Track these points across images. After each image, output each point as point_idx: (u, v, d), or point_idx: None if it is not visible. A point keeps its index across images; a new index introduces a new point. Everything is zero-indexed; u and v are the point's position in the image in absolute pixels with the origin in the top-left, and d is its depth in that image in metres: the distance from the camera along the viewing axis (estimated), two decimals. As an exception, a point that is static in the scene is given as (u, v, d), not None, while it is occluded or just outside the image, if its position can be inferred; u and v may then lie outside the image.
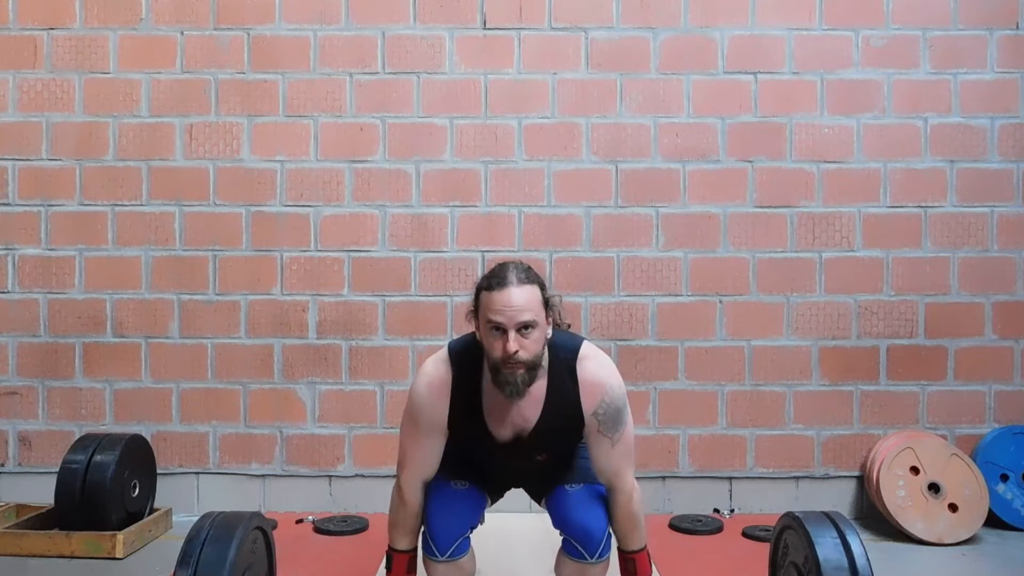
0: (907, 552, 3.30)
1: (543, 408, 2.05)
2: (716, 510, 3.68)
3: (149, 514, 3.45)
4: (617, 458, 2.08)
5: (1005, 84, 3.69)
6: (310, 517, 3.55)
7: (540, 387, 2.03)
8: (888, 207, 3.70)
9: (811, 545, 2.02)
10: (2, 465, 3.71)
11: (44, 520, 3.33)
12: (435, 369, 2.09)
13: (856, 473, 3.69)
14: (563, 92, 3.70)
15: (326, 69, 3.70)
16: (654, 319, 3.69)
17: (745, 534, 3.37)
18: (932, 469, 3.44)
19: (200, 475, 3.71)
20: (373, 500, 3.67)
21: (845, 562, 1.99)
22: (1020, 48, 3.69)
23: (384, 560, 2.25)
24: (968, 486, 3.39)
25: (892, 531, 3.46)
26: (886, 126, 3.70)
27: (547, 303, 1.99)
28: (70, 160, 3.70)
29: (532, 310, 1.92)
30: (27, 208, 3.70)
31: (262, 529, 2.23)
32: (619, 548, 2.18)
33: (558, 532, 2.17)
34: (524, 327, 1.91)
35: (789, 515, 2.19)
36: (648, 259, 3.69)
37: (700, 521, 3.51)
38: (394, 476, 3.69)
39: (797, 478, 3.70)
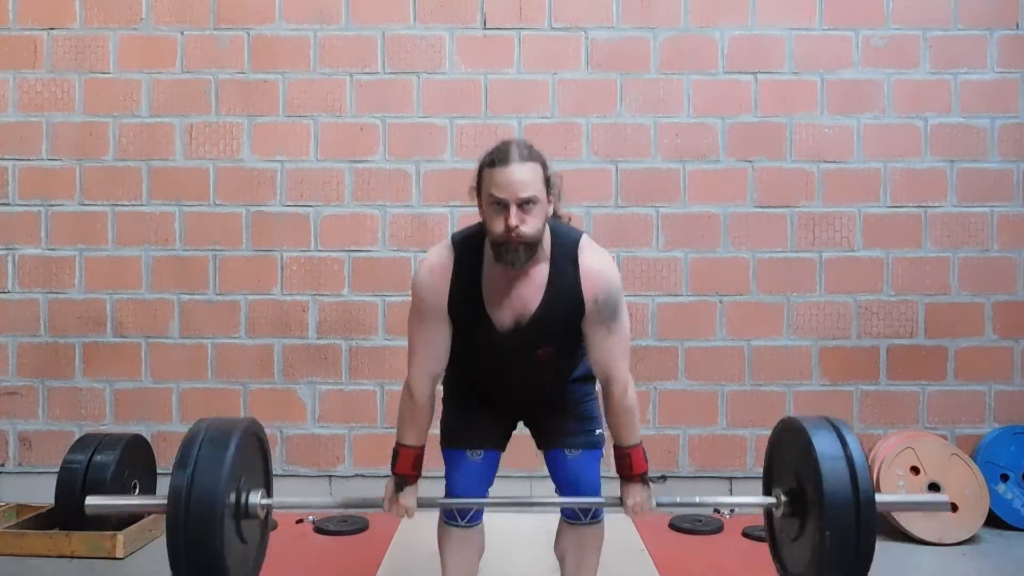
0: (907, 552, 3.30)
1: (544, 293, 2.05)
2: (716, 510, 3.68)
3: (149, 514, 3.45)
4: (614, 347, 2.09)
5: (1005, 84, 3.69)
6: (310, 517, 3.55)
7: (541, 272, 2.04)
8: (888, 207, 3.70)
9: (808, 442, 2.03)
10: (2, 465, 3.71)
11: (44, 520, 3.33)
12: (436, 254, 2.10)
13: (856, 473, 3.69)
14: (563, 92, 3.70)
15: (326, 69, 3.70)
16: (654, 319, 3.69)
17: (745, 534, 3.36)
18: (932, 469, 3.43)
19: (200, 475, 3.70)
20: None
21: (841, 452, 2.00)
22: (1020, 48, 3.69)
23: (390, 465, 2.21)
24: (968, 486, 3.39)
25: (892, 531, 3.45)
26: (886, 126, 3.70)
27: (548, 181, 2.00)
28: (70, 160, 3.70)
29: (534, 186, 1.93)
30: (27, 208, 3.70)
31: (257, 435, 2.22)
32: (615, 445, 2.18)
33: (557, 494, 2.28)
34: (526, 203, 1.92)
35: (786, 419, 2.23)
36: (648, 259, 3.69)
37: (700, 521, 3.50)
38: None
39: (797, 478, 3.70)
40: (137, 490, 3.40)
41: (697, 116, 3.69)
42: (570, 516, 2.27)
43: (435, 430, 2.23)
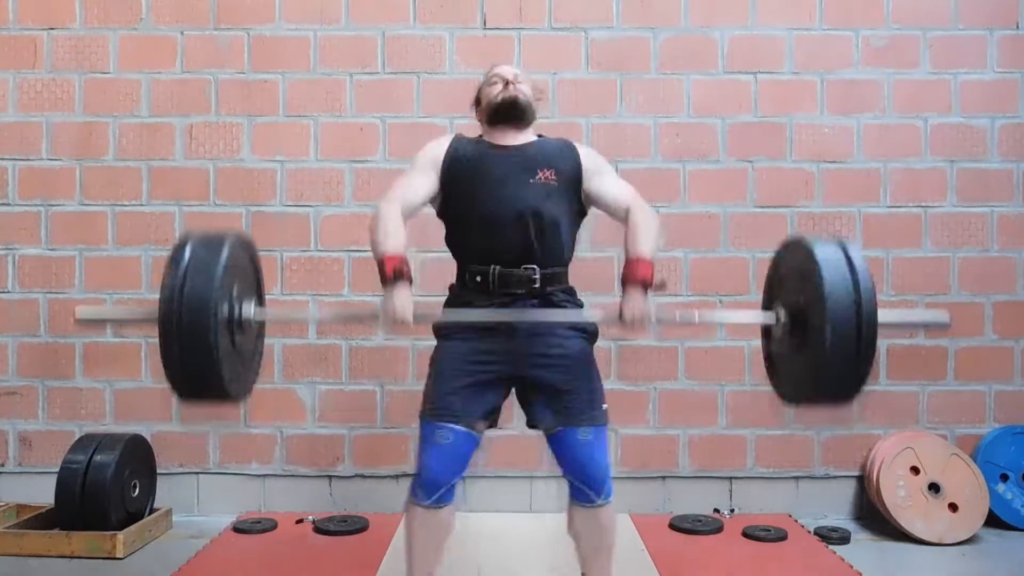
0: (907, 552, 3.30)
1: (539, 139, 2.35)
2: (716, 510, 3.68)
3: (149, 514, 3.45)
4: (620, 184, 2.37)
5: (1005, 84, 3.69)
6: (310, 517, 3.55)
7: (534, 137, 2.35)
8: (888, 207, 3.70)
9: (811, 253, 1.97)
10: (2, 465, 3.70)
11: (44, 520, 3.33)
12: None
13: (856, 473, 3.69)
14: (563, 92, 3.70)
15: (326, 69, 3.70)
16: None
17: (745, 534, 3.37)
18: (932, 469, 3.44)
19: (200, 475, 3.71)
20: (373, 500, 3.68)
21: (844, 260, 1.94)
22: (1020, 48, 3.69)
23: (381, 281, 2.17)
24: (968, 486, 3.39)
25: (892, 531, 3.46)
26: (886, 126, 3.70)
27: (535, 93, 2.37)
28: (70, 160, 3.70)
29: (524, 75, 2.35)
30: (27, 208, 3.70)
31: (248, 249, 2.19)
32: (626, 257, 2.25)
33: (566, 479, 2.27)
34: (518, 79, 2.31)
35: (789, 239, 2.20)
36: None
37: (700, 521, 3.50)
38: (393, 476, 3.70)
39: (797, 478, 3.70)
40: (137, 490, 3.40)
41: (697, 116, 3.69)
42: (580, 498, 2.25)
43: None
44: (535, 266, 2.20)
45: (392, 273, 2.12)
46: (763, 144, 3.69)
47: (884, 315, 1.91)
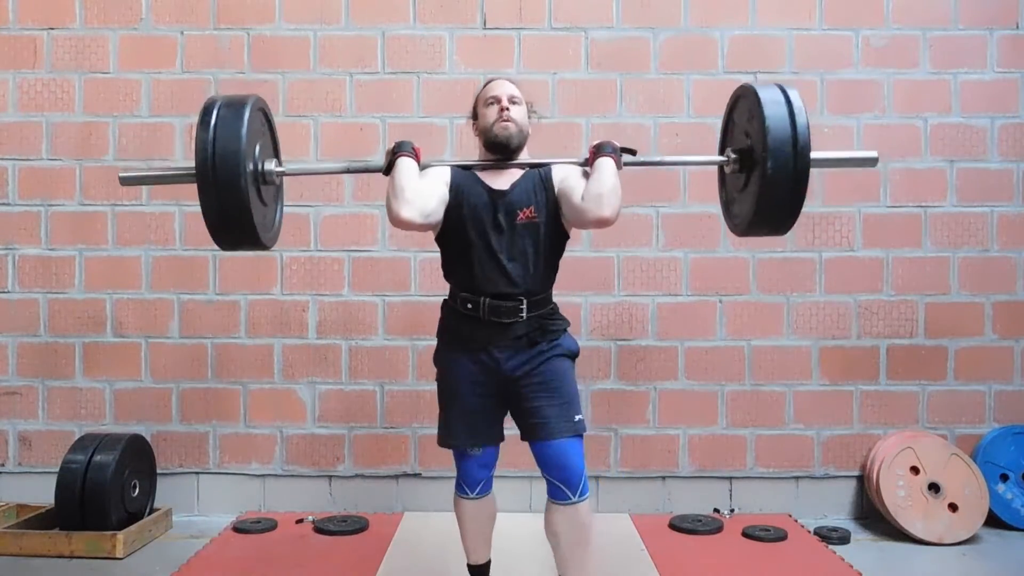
0: (907, 552, 3.30)
1: (524, 174, 2.43)
2: (716, 510, 3.68)
3: (149, 514, 3.45)
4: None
5: (1005, 84, 3.69)
6: (310, 517, 3.55)
7: (522, 172, 2.44)
8: (888, 207, 3.70)
9: (758, 103, 2.17)
10: (2, 465, 3.71)
11: (44, 520, 3.34)
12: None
13: (856, 473, 3.69)
14: (563, 92, 3.70)
15: (326, 69, 3.70)
16: (654, 319, 3.69)
17: (745, 534, 3.37)
18: (932, 469, 3.44)
19: (200, 475, 3.71)
20: (373, 500, 3.68)
21: (786, 112, 2.14)
22: (1020, 48, 3.69)
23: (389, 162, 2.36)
24: (968, 486, 3.39)
25: (892, 531, 3.46)
26: (886, 126, 3.70)
27: (529, 108, 2.49)
28: (70, 160, 3.70)
29: (519, 94, 2.44)
30: (27, 208, 3.70)
31: (263, 110, 2.38)
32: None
33: (544, 478, 2.39)
34: (513, 100, 2.41)
35: (741, 86, 2.36)
36: (648, 259, 3.69)
37: (700, 521, 3.50)
38: (393, 476, 3.71)
39: (797, 478, 3.70)
40: (137, 490, 3.40)
41: (697, 116, 3.69)
42: (557, 496, 2.35)
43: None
44: (523, 298, 2.36)
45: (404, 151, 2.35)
46: (763, 144, 3.68)
47: (817, 155, 2.22)
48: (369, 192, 3.68)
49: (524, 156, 2.45)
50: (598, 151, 2.34)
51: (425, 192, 2.29)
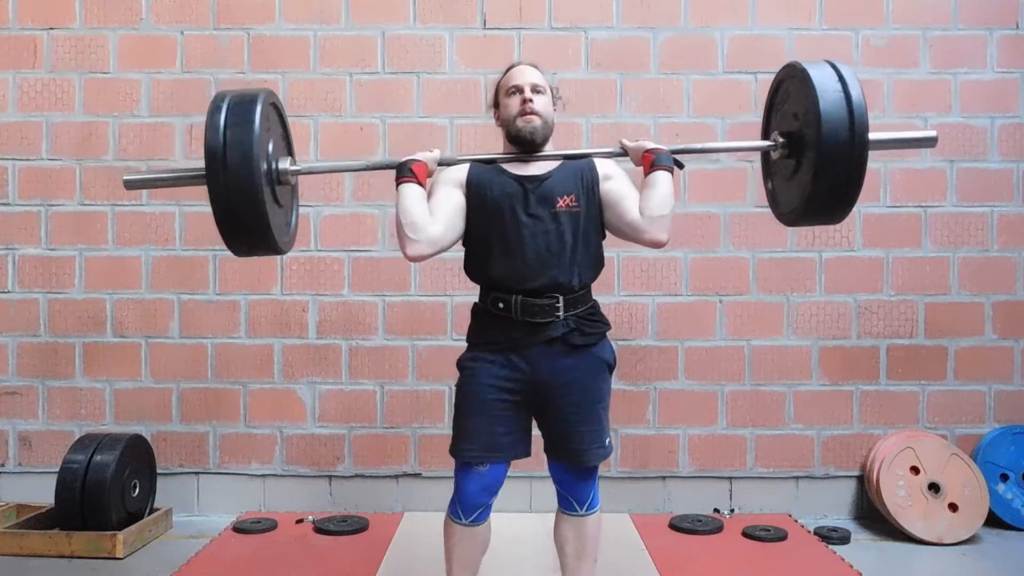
0: (907, 552, 3.30)
1: (560, 164, 2.30)
2: (716, 510, 3.68)
3: (149, 514, 3.45)
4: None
5: (1005, 84, 3.69)
6: (310, 517, 3.55)
7: (555, 162, 2.30)
8: (888, 207, 3.70)
9: (814, 98, 2.02)
10: (2, 465, 3.71)
11: (44, 520, 3.34)
12: None
13: (856, 473, 3.69)
14: (563, 92, 3.64)
15: (326, 69, 3.70)
16: (654, 319, 3.69)
17: (745, 534, 3.37)
18: (932, 469, 3.44)
19: (200, 475, 3.71)
20: (373, 500, 3.68)
21: (847, 118, 1.99)
22: (1020, 48, 3.69)
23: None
24: (968, 486, 3.39)
25: (892, 531, 3.46)
26: (886, 126, 3.69)
27: (554, 93, 2.38)
28: (70, 160, 3.70)
29: (542, 81, 2.32)
30: (27, 208, 3.70)
31: (275, 105, 2.26)
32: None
33: (556, 487, 2.36)
34: (535, 89, 2.29)
35: (788, 65, 2.22)
36: (648, 259, 3.69)
37: (700, 521, 3.51)
38: (393, 476, 3.71)
39: (797, 478, 3.70)
40: (137, 490, 3.40)
41: (697, 116, 3.69)
42: (567, 507, 2.33)
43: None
44: (558, 295, 2.21)
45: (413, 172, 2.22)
46: (763, 144, 3.68)
47: (876, 136, 2.05)
48: (369, 192, 3.68)
49: (549, 147, 2.33)
50: (656, 162, 2.21)
51: (430, 220, 2.16)
